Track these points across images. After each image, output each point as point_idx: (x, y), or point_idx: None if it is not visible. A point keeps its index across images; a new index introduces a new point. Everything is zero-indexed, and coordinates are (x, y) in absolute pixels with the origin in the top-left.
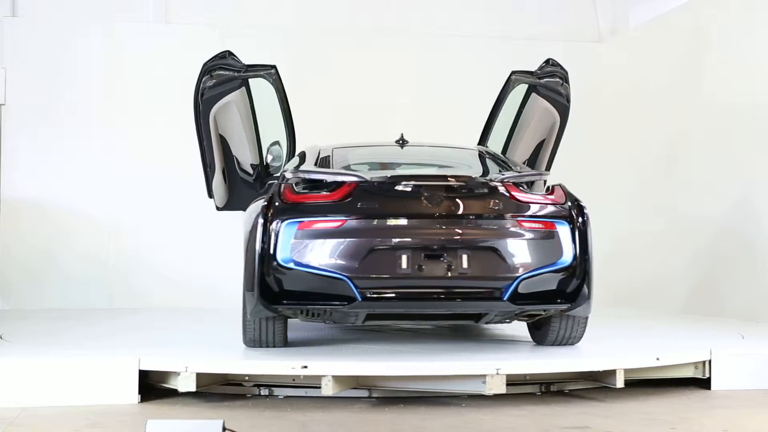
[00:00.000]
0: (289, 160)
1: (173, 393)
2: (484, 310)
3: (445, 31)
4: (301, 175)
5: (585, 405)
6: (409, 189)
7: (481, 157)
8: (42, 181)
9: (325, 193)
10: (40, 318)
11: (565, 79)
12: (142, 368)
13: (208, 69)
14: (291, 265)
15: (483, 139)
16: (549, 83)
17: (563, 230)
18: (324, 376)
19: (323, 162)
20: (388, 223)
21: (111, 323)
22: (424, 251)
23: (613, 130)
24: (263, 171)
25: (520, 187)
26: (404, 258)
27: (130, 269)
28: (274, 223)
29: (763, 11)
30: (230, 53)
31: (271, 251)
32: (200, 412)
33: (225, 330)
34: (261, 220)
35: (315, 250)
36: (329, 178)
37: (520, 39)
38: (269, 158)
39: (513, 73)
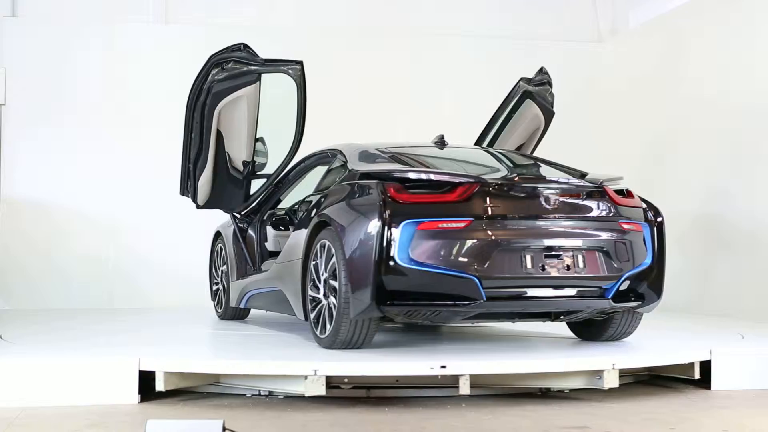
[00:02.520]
0: (290, 158)
1: (173, 393)
2: (587, 308)
3: (445, 31)
4: (406, 174)
5: (585, 405)
6: (528, 190)
7: (537, 159)
8: (42, 181)
9: (440, 193)
10: (40, 318)
11: (551, 86)
12: (142, 368)
13: (218, 61)
14: (411, 265)
15: (481, 140)
16: (541, 91)
17: (647, 231)
18: (462, 375)
19: (398, 161)
20: (512, 224)
21: (111, 323)
22: (545, 251)
23: (613, 130)
24: (252, 168)
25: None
26: (528, 258)
27: (129, 269)
28: (392, 224)
29: (764, 12)
30: (246, 46)
31: (391, 252)
32: (200, 412)
33: (239, 330)
34: (377, 221)
35: (438, 251)
36: (445, 179)
37: (520, 39)
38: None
39: (521, 79)
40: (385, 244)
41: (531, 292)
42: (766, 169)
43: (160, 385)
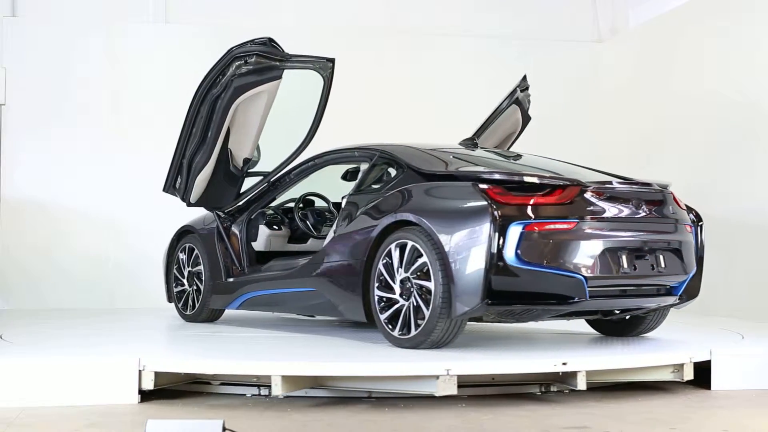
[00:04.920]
0: (295, 156)
1: (173, 393)
2: (657, 304)
3: (446, 31)
4: (504, 176)
5: (585, 405)
6: (618, 193)
7: (573, 164)
8: (42, 181)
9: (540, 195)
10: (40, 318)
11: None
12: (142, 368)
13: (240, 55)
14: (520, 265)
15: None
16: (524, 97)
17: (695, 233)
18: (579, 371)
19: (467, 162)
20: (610, 225)
21: (111, 323)
22: (635, 252)
23: (613, 130)
24: (247, 167)
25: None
26: (624, 258)
27: (130, 269)
28: (501, 225)
29: (763, 11)
30: (271, 40)
31: (502, 253)
32: (200, 412)
33: (256, 333)
34: (487, 222)
35: (547, 251)
36: (547, 181)
37: (520, 39)
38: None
39: (518, 86)
40: (495, 245)
41: (622, 291)
42: (765, 167)
43: (276, 390)
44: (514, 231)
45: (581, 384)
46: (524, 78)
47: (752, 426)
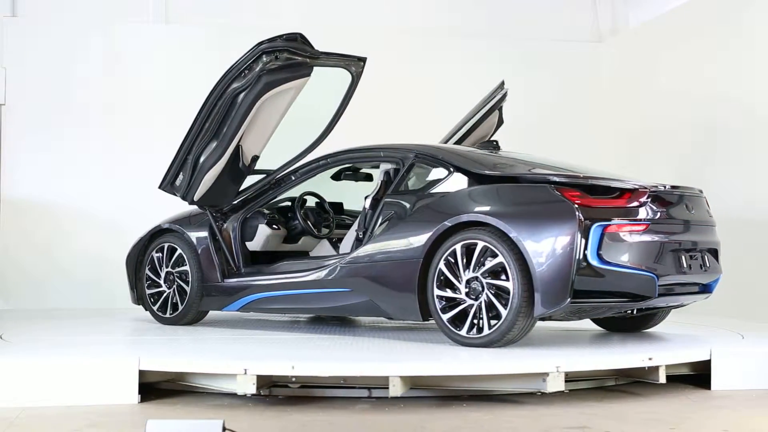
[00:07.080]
0: (305, 155)
1: (173, 393)
2: (692, 301)
3: (444, 31)
4: (582, 181)
5: (585, 405)
6: (675, 197)
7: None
8: (42, 181)
9: (611, 198)
10: (40, 318)
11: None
12: (142, 368)
13: (270, 50)
14: (602, 265)
15: (459, 142)
16: (501, 104)
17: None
18: (660, 366)
19: (522, 164)
20: (673, 227)
21: (111, 323)
22: (690, 252)
23: (613, 130)
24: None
25: None
26: (683, 257)
27: None
28: (586, 226)
29: (763, 11)
30: (302, 36)
31: (585, 253)
32: (200, 412)
33: (271, 335)
34: (572, 224)
35: (624, 251)
36: (617, 185)
37: (521, 39)
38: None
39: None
40: (581, 246)
41: (681, 288)
42: (764, 167)
43: (395, 391)
44: (596, 232)
45: (662, 378)
46: (503, 83)
47: (752, 426)
